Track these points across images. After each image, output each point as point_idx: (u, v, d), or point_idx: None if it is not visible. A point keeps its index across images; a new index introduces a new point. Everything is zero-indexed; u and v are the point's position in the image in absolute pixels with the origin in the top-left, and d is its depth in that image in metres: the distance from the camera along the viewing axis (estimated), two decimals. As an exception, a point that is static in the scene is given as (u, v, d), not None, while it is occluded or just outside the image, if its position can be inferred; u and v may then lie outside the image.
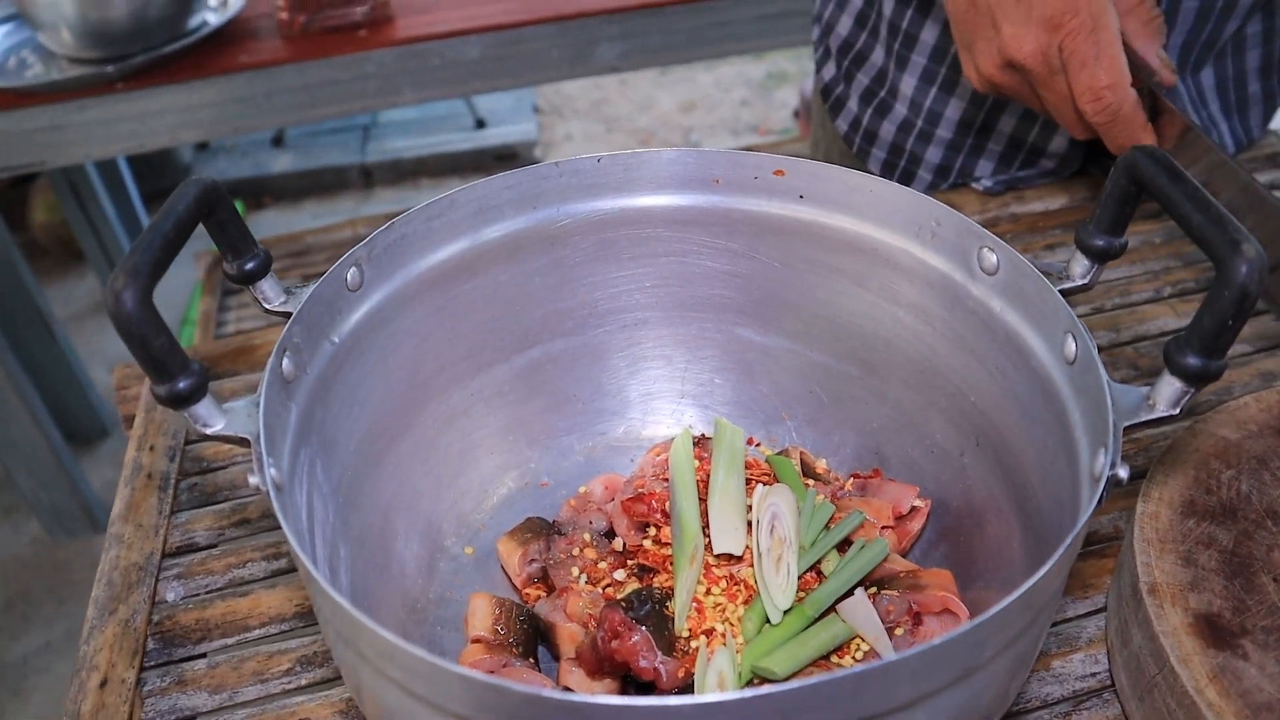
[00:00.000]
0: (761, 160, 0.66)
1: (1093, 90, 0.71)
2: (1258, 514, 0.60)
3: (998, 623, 0.38)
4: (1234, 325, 0.44)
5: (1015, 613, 0.39)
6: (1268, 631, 0.54)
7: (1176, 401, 0.46)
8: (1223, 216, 0.44)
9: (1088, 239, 0.54)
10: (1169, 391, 0.46)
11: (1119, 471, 0.44)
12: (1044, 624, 0.46)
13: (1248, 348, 0.83)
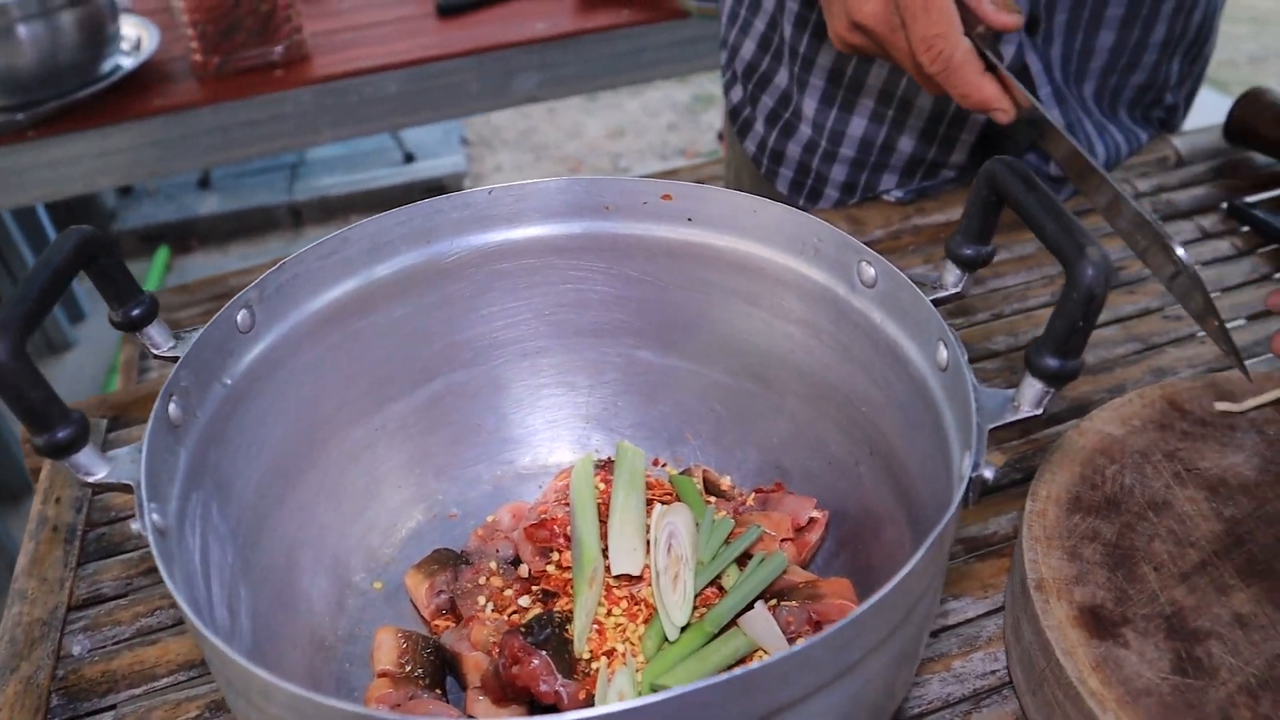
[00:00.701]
0: (650, 186, 0.67)
1: (925, 40, 0.73)
2: (1140, 506, 0.62)
3: (860, 625, 0.39)
4: (1084, 327, 0.45)
5: (878, 614, 0.40)
6: (1147, 619, 0.56)
7: (1039, 402, 0.48)
8: (1071, 223, 0.46)
9: (956, 249, 0.56)
10: (1031, 393, 0.48)
11: (984, 472, 0.46)
12: (921, 622, 0.47)
13: (1139, 345, 0.86)
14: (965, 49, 0.73)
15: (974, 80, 0.74)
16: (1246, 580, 0.58)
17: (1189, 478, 0.64)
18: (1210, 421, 0.68)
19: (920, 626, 0.48)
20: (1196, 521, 0.61)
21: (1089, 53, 1.01)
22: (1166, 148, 1.11)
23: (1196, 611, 0.56)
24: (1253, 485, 0.63)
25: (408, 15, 1.93)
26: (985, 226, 0.55)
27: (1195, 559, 0.59)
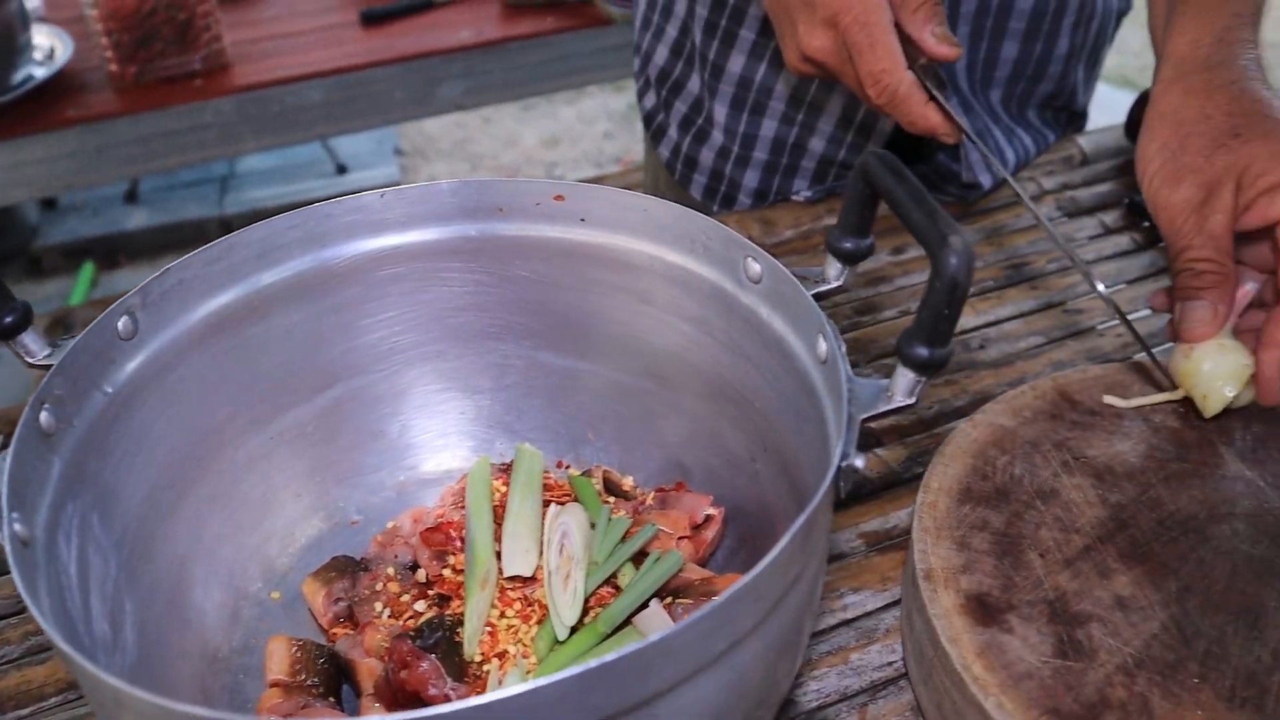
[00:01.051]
0: (542, 187, 0.67)
1: (871, 75, 0.74)
2: (1029, 495, 0.63)
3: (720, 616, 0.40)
4: (950, 314, 0.46)
5: (737, 604, 0.40)
6: (1032, 605, 0.57)
7: (911, 391, 0.49)
8: (936, 212, 0.47)
9: (836, 243, 0.57)
10: (904, 382, 0.49)
11: (854, 461, 0.46)
12: (797, 611, 0.47)
13: (1041, 339, 0.87)
14: (909, 82, 0.74)
15: (919, 110, 0.76)
16: (1128, 563, 0.59)
17: (1077, 466, 0.65)
18: (1099, 411, 0.69)
19: (797, 616, 0.48)
20: (1082, 508, 0.62)
21: (994, 62, 1.02)
22: (1072, 146, 1.13)
23: (1079, 596, 0.57)
24: (1137, 471, 0.64)
25: (331, 24, 1.92)
26: (862, 220, 0.56)
27: (1080, 545, 0.60)
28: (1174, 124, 0.70)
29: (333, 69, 1.78)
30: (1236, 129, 0.67)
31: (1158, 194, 0.69)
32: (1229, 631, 0.55)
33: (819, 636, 0.65)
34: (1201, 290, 0.66)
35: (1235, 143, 0.67)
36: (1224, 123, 0.68)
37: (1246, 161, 0.65)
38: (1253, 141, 0.66)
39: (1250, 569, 0.58)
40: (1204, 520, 0.61)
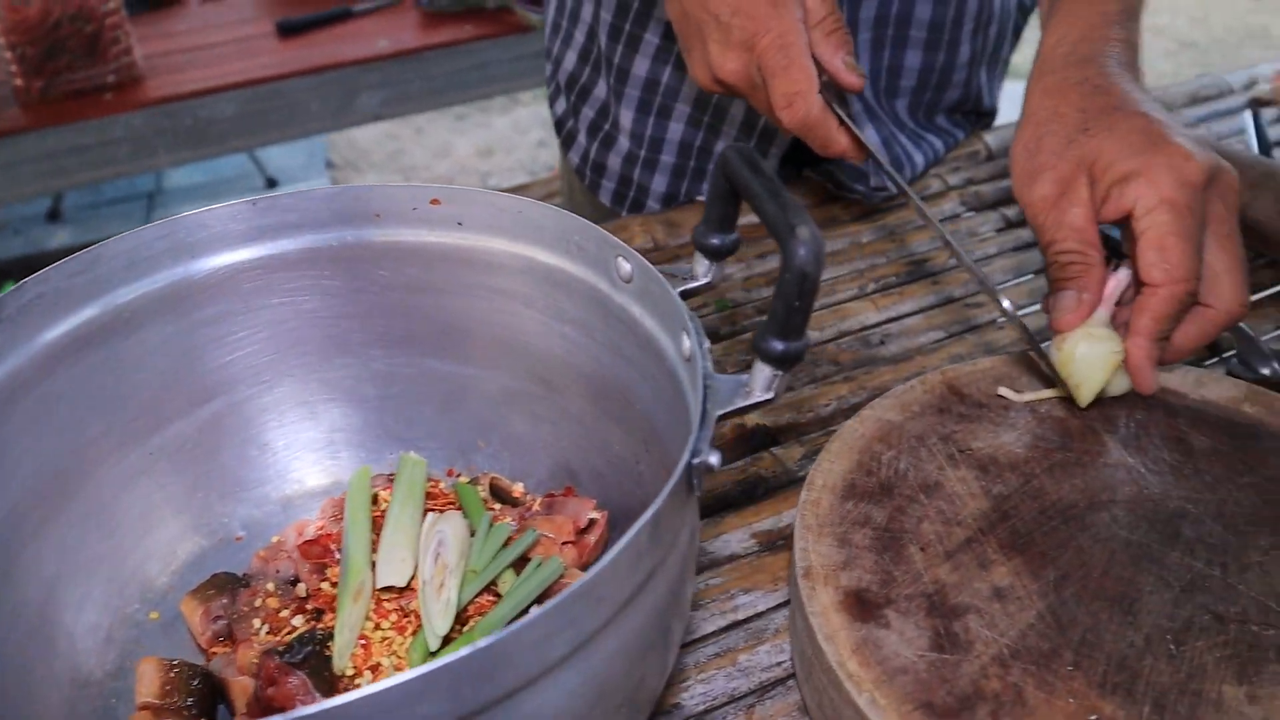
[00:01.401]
0: (418, 192, 0.66)
1: (785, 97, 0.74)
2: (912, 489, 0.63)
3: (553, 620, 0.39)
4: (801, 306, 0.45)
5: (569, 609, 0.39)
6: (910, 599, 0.56)
7: (769, 385, 0.48)
8: (787, 204, 0.46)
9: (702, 239, 0.56)
10: (761, 377, 0.48)
11: (708, 459, 0.45)
12: (655, 612, 0.46)
13: (941, 334, 0.87)
14: (821, 105, 0.74)
15: (830, 134, 0.76)
16: (1008, 554, 0.58)
17: (962, 458, 0.65)
18: (986, 403, 0.69)
19: (659, 616, 0.47)
20: (965, 500, 0.62)
21: (898, 71, 1.03)
22: (978, 143, 1.13)
23: (958, 588, 0.57)
24: (1021, 462, 0.64)
25: (247, 35, 1.90)
26: (726, 215, 0.55)
27: (961, 537, 0.60)
28: (1032, 124, 0.72)
29: (248, 80, 1.75)
30: (1086, 124, 0.69)
31: (1021, 192, 0.71)
32: (1104, 618, 0.55)
33: (709, 639, 0.64)
34: (1067, 281, 0.67)
35: (1084, 138, 0.68)
36: (1075, 119, 0.69)
37: (1094, 155, 0.67)
38: (1099, 136, 0.67)
39: (1127, 555, 0.58)
40: (1084, 508, 0.61)
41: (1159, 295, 0.64)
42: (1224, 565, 0.58)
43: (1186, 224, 0.63)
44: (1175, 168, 0.64)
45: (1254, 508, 0.61)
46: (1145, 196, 0.64)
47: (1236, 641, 0.54)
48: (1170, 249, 0.63)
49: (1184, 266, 0.63)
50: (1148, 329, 0.65)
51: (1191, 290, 0.64)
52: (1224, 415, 0.68)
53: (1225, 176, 0.66)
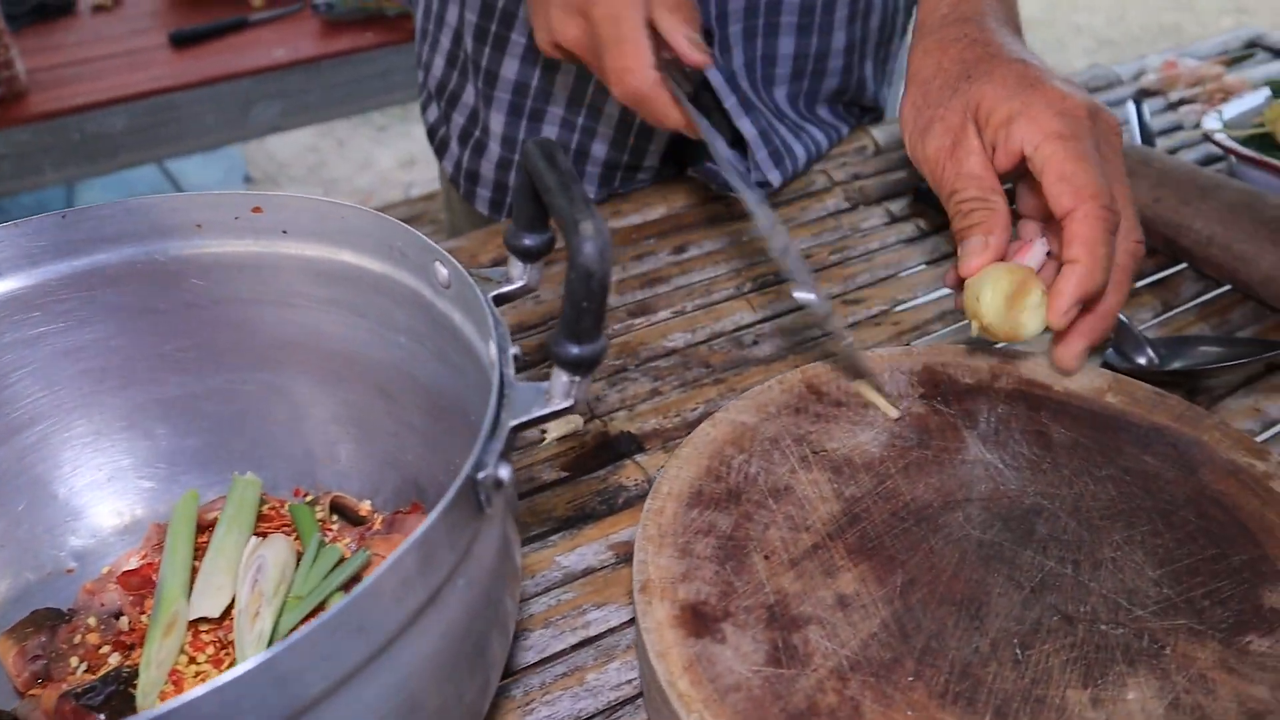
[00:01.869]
0: (238, 199, 0.63)
1: (615, 71, 0.73)
2: (761, 494, 0.60)
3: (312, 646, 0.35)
4: (591, 307, 0.43)
5: (327, 634, 0.36)
6: (749, 611, 0.53)
7: (568, 392, 0.45)
8: (576, 197, 0.44)
9: (513, 240, 0.53)
10: (559, 384, 0.45)
11: (499, 472, 0.42)
12: (461, 634, 0.43)
13: (818, 331, 0.85)
14: (654, 80, 0.73)
15: (663, 110, 0.75)
16: (855, 559, 0.56)
17: (815, 460, 0.62)
18: (845, 402, 0.66)
19: (459, 640, 0.44)
20: (815, 504, 0.59)
21: (772, 59, 1.01)
22: (866, 137, 1.11)
23: (800, 597, 0.54)
24: (876, 461, 0.62)
25: (139, 47, 1.84)
26: (535, 212, 0.52)
27: (808, 543, 0.57)
28: (917, 83, 0.72)
29: (139, 93, 1.70)
30: (968, 72, 0.68)
31: (914, 150, 0.71)
32: (949, 624, 0.52)
33: (558, 658, 0.61)
34: (971, 228, 0.66)
35: (966, 85, 0.68)
36: (957, 70, 0.69)
37: (977, 100, 0.66)
38: (979, 81, 0.67)
39: (979, 555, 0.56)
40: (938, 508, 0.59)
41: (1076, 217, 0.60)
42: (1076, 563, 0.55)
43: (1082, 147, 0.62)
44: (1054, 103, 0.63)
45: (1110, 501, 0.59)
46: (1030, 135, 0.63)
47: (1084, 643, 0.51)
48: (1072, 172, 0.61)
49: (1093, 183, 0.60)
50: (1078, 257, 0.61)
51: (1109, 207, 0.61)
52: (1087, 407, 0.66)
53: (1106, 115, 0.65)
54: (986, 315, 0.63)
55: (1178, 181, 0.87)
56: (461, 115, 1.09)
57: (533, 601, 0.65)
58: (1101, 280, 0.61)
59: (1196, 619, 0.52)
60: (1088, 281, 0.61)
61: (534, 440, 0.76)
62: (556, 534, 0.69)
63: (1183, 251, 0.87)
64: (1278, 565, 0.55)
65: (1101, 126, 0.65)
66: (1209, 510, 0.58)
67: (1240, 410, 0.75)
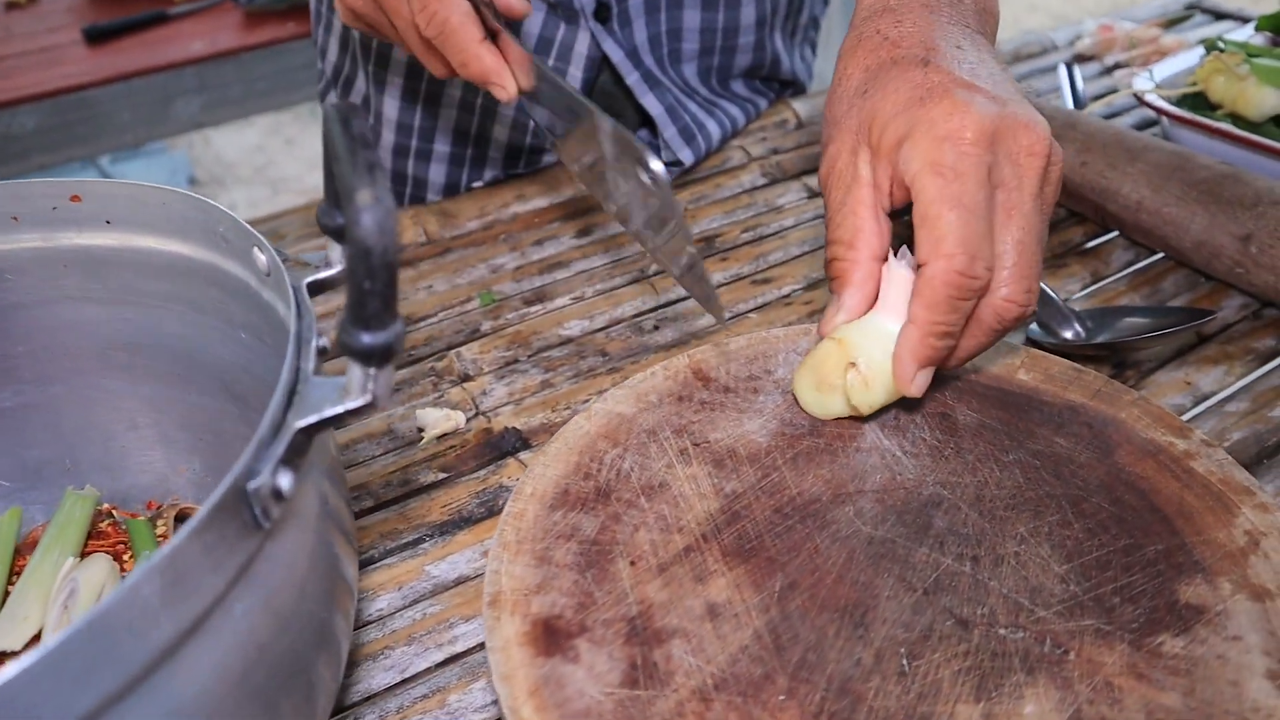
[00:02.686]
0: (54, 188, 0.57)
1: (422, 3, 0.66)
2: (633, 493, 0.54)
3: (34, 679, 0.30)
4: (375, 289, 0.37)
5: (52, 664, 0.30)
6: (608, 625, 0.48)
7: (364, 386, 0.39)
8: (360, 163, 0.38)
9: (325, 219, 0.48)
10: (354, 378, 0.39)
11: (275, 481, 0.36)
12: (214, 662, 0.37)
13: (725, 314, 0.79)
14: (463, 11, 0.66)
15: (471, 48, 0.67)
16: (731, 562, 0.50)
17: (696, 453, 0.57)
18: (734, 388, 0.61)
19: (240, 673, 0.38)
20: (692, 502, 0.54)
21: (678, 34, 0.95)
22: (787, 111, 1.06)
23: (666, 607, 0.48)
24: (762, 453, 0.56)
25: (51, 44, 1.77)
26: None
27: (680, 546, 0.51)
28: (832, 89, 0.62)
29: (50, 91, 1.63)
30: (865, 85, 0.58)
31: (820, 164, 0.60)
32: (830, 633, 0.47)
33: (419, 678, 0.56)
34: (830, 282, 0.58)
35: (861, 101, 0.58)
36: (858, 80, 0.59)
37: (870, 119, 0.56)
38: (874, 96, 0.57)
39: (868, 554, 0.51)
40: (827, 502, 0.53)
41: (924, 276, 0.52)
42: (975, 559, 0.50)
43: (953, 190, 0.51)
44: (939, 124, 0.52)
45: (1016, 489, 0.54)
46: (912, 164, 0.53)
47: (979, 650, 0.46)
48: (935, 219, 0.51)
49: (952, 239, 0.50)
50: (917, 317, 0.53)
51: (968, 270, 0.51)
52: (997, 386, 0.60)
53: (1021, 135, 0.53)
54: (807, 406, 0.59)
55: (1105, 145, 0.82)
56: (357, 100, 1.03)
57: (396, 616, 0.59)
58: (943, 347, 0.53)
59: (1105, 619, 0.47)
60: (922, 349, 0.53)
61: (411, 440, 0.70)
62: (429, 541, 0.63)
63: (1112, 218, 0.82)
64: (1195, 555, 0.50)
65: (1010, 147, 0.53)
66: (1124, 496, 0.53)
67: (1170, 384, 0.70)
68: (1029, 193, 0.53)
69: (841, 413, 0.57)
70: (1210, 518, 0.52)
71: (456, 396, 0.73)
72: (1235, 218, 0.73)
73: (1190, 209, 0.76)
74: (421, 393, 0.74)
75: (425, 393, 0.74)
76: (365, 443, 0.71)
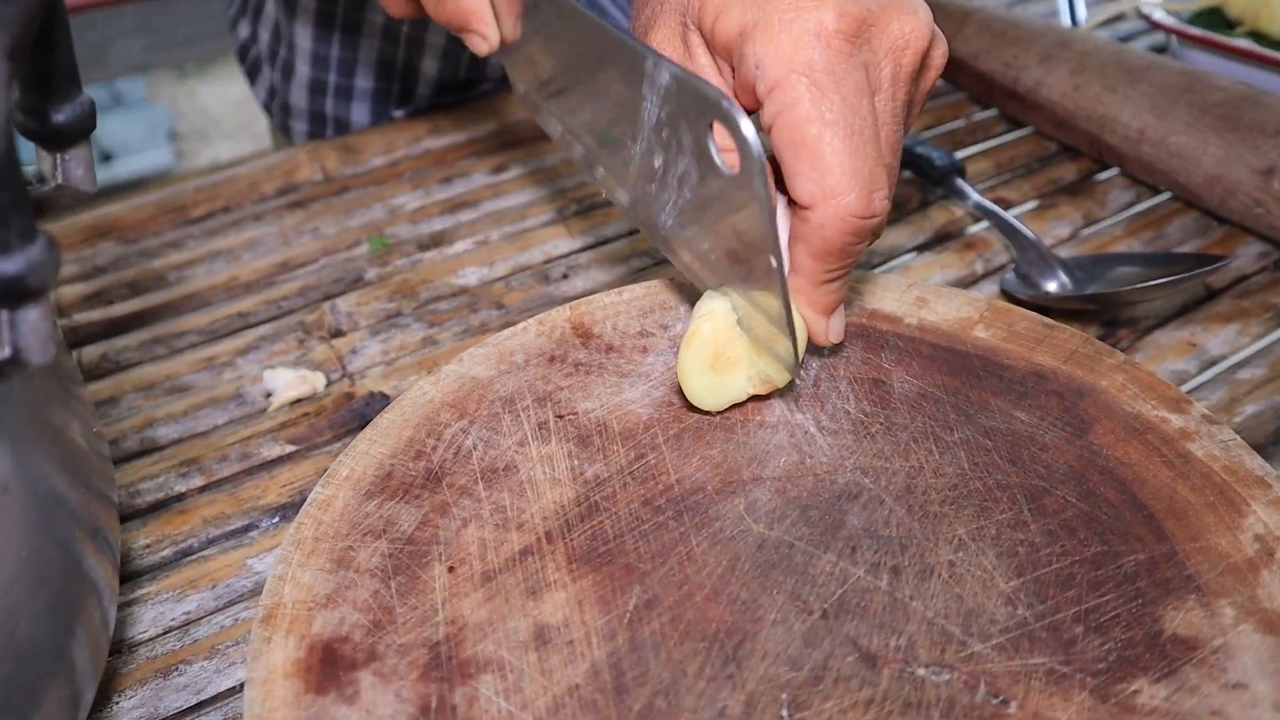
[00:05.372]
0: None
1: None
2: (471, 476, 0.43)
3: None
4: None
5: None
6: (404, 651, 0.36)
7: None
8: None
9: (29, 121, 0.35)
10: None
11: None
12: None
13: (647, 261, 0.67)
14: None
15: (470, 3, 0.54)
16: (576, 571, 0.39)
17: (558, 427, 0.45)
18: (619, 346, 0.49)
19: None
20: (542, 490, 0.42)
21: None
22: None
23: (483, 630, 0.37)
24: (640, 428, 0.45)
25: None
26: (51, 69, 0.34)
27: (516, 547, 0.40)
28: None
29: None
30: None
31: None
32: (691, 670, 0.35)
33: (217, 701, 0.44)
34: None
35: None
36: None
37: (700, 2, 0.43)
38: None
39: (755, 562, 0.39)
40: (713, 493, 0.42)
41: (810, 222, 0.40)
42: (896, 571, 0.38)
43: (832, 103, 0.39)
44: (803, 12, 0.40)
45: (958, 478, 0.42)
46: (766, 66, 0.40)
47: (887, 698, 0.34)
48: (813, 144, 0.39)
49: (840, 172, 0.39)
50: (804, 268, 0.42)
51: (865, 210, 0.40)
52: (946, 344, 0.48)
53: (895, 24, 0.41)
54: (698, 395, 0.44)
55: (1102, 65, 0.69)
56: (267, 30, 0.91)
57: (203, 623, 0.48)
58: (841, 288, 0.43)
59: (1061, 655, 0.35)
60: (821, 299, 0.43)
61: (258, 409, 0.59)
62: (259, 528, 0.52)
63: (1109, 151, 0.69)
64: (1188, 569, 0.38)
65: (885, 40, 0.41)
66: (1098, 488, 0.41)
67: (1172, 346, 0.57)
68: (902, 98, 0.42)
69: (741, 395, 0.44)
70: (1210, 518, 0.39)
71: (322, 355, 0.62)
72: (1255, 147, 0.61)
73: (1201, 137, 0.63)
74: (284, 351, 0.63)
75: (289, 351, 0.63)
76: (208, 409, 0.59)
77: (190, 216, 0.75)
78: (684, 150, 0.41)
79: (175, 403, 0.59)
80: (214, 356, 0.62)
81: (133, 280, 0.69)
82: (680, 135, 0.40)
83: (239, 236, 0.72)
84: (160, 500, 0.54)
